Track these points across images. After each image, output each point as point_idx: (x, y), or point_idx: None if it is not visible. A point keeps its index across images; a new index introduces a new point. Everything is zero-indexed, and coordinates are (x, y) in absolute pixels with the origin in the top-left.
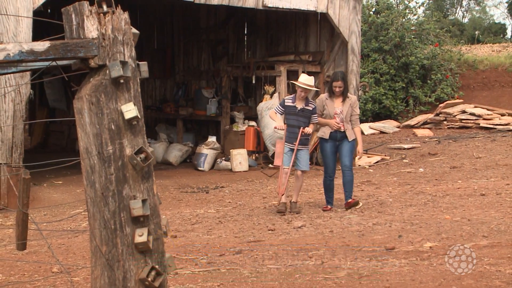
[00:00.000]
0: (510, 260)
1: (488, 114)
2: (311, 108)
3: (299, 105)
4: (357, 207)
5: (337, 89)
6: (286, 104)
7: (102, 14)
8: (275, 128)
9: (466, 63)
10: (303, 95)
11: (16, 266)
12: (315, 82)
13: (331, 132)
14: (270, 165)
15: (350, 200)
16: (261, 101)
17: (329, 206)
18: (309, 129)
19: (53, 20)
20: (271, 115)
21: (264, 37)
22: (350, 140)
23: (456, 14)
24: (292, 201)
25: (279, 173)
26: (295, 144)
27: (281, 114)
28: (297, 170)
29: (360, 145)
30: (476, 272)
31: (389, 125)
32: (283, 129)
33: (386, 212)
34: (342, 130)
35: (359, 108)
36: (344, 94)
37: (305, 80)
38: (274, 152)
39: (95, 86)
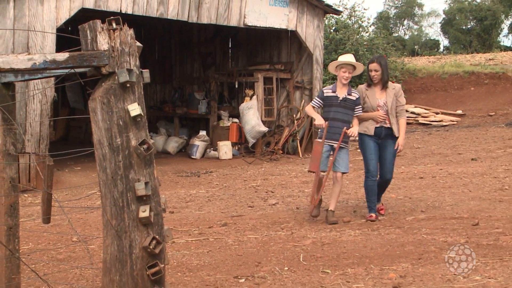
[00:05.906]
0: (442, 230)
1: (425, 113)
2: (354, 98)
3: (341, 94)
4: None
5: (373, 73)
6: (325, 95)
7: (112, 31)
8: (315, 125)
9: (408, 71)
10: (348, 76)
11: (42, 236)
12: (285, 87)
13: (376, 128)
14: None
15: (378, 207)
16: (243, 102)
17: (373, 215)
18: (353, 131)
19: (73, 35)
20: (308, 111)
21: (245, 50)
22: (396, 136)
23: (399, 32)
24: (329, 209)
25: (314, 180)
26: (336, 142)
27: (318, 107)
28: (336, 173)
29: (402, 137)
30: (416, 240)
31: None
32: (323, 127)
33: (343, 192)
34: (388, 126)
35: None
36: (384, 82)
37: (345, 57)
38: (254, 143)
39: (106, 89)
